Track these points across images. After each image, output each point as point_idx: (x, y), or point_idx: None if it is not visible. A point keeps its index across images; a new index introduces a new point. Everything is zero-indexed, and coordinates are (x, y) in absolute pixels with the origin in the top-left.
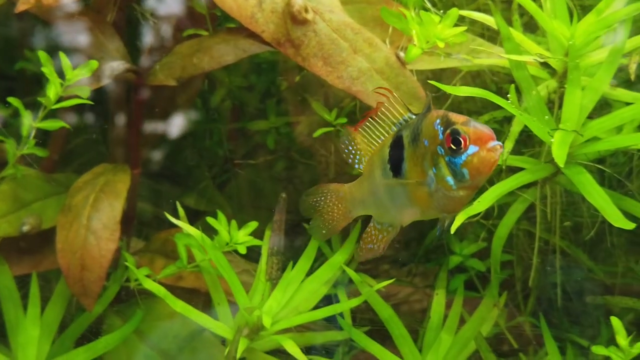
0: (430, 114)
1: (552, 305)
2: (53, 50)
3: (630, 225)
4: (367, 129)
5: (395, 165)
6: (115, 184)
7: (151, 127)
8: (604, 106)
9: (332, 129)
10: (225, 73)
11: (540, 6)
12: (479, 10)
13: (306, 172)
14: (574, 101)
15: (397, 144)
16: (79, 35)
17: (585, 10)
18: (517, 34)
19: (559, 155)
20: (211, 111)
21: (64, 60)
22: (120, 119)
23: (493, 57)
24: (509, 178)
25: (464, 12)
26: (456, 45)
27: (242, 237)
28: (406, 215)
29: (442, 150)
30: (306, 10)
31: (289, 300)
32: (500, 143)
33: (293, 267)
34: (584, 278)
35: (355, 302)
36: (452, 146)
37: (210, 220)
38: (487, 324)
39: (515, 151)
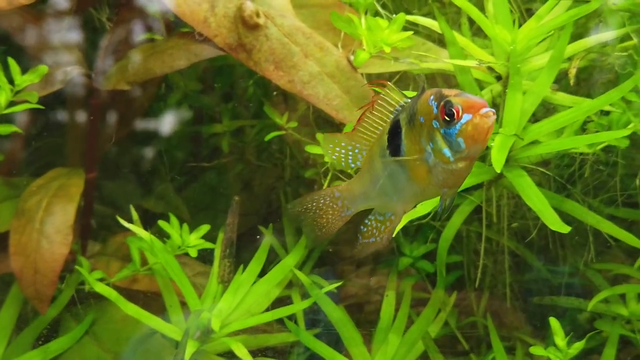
0: (424, 93)
1: (504, 305)
2: (6, 55)
3: (565, 229)
4: (365, 124)
5: (394, 148)
6: (69, 188)
7: (108, 130)
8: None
9: (284, 132)
10: (180, 76)
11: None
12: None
13: (265, 175)
14: (515, 105)
15: (394, 128)
16: (33, 40)
17: (531, 15)
18: (461, 39)
19: (497, 160)
20: (169, 114)
21: (13, 65)
22: (77, 123)
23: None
24: None
25: (411, 17)
26: (406, 49)
27: (194, 240)
28: (409, 198)
29: (437, 124)
30: (257, 15)
31: (240, 302)
32: (493, 110)
33: (244, 270)
34: (536, 278)
35: (304, 304)
36: (446, 117)
37: (162, 223)
38: (437, 325)
39: None
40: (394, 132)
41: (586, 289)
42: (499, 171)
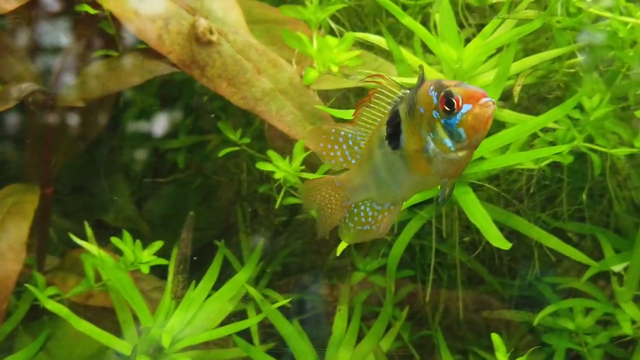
0: (424, 84)
1: (458, 318)
2: None
3: (506, 245)
4: (363, 117)
5: (394, 139)
6: (23, 205)
7: (65, 146)
8: None
9: (237, 148)
10: (137, 92)
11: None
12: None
13: (223, 189)
14: None
15: (393, 119)
16: None
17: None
18: (410, 56)
19: None
20: (128, 129)
21: None
22: (33, 139)
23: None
24: None
25: (360, 35)
26: (359, 65)
27: (147, 256)
28: (408, 189)
29: (438, 114)
30: (211, 32)
31: (192, 318)
32: (493, 100)
33: (196, 285)
34: (487, 291)
35: (256, 319)
36: (446, 108)
37: (114, 240)
38: (389, 338)
39: None
40: (393, 122)
41: (542, 302)
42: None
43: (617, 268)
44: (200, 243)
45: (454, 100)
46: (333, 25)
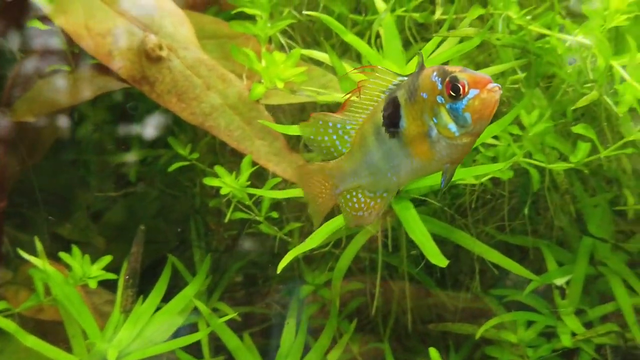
0: (425, 70)
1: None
2: None
3: (443, 263)
4: (353, 107)
5: (392, 125)
6: None
7: (18, 160)
8: None
9: (187, 162)
10: (90, 107)
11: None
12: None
13: (177, 203)
14: None
15: (391, 106)
16: None
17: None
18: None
19: None
20: (82, 143)
21: None
22: None
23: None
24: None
25: (306, 52)
26: (306, 81)
27: (95, 271)
28: (407, 175)
29: (443, 99)
30: (160, 48)
31: (140, 332)
32: (499, 85)
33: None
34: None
35: (203, 333)
36: (452, 93)
37: (63, 255)
38: (337, 351)
39: None
40: (391, 109)
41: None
42: None
43: (560, 282)
44: (155, 256)
45: (459, 85)
46: (283, 40)
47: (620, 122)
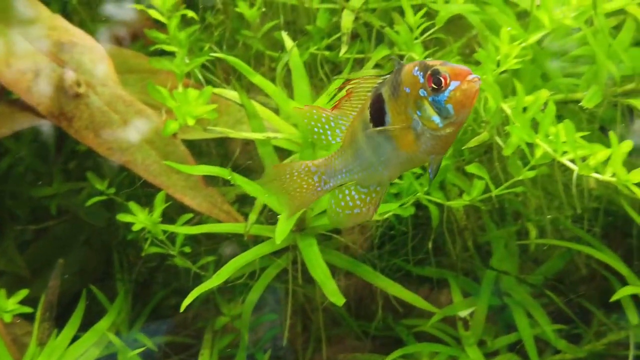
0: (406, 66)
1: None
2: None
3: (340, 301)
4: (343, 107)
5: (378, 120)
6: None
7: None
8: None
9: (105, 197)
10: (12, 140)
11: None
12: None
13: (102, 234)
14: None
15: (376, 102)
16: None
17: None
18: (264, 111)
19: (280, 232)
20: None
21: None
22: None
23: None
24: (251, 249)
25: (216, 90)
26: (225, 115)
27: (11, 305)
28: (395, 168)
29: (425, 92)
30: (78, 85)
31: None
32: (478, 76)
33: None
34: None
35: None
36: (434, 86)
37: None
38: None
39: None
40: (376, 105)
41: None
42: (278, 242)
43: (463, 314)
44: (79, 287)
45: (441, 77)
46: (202, 76)
47: (509, 162)
